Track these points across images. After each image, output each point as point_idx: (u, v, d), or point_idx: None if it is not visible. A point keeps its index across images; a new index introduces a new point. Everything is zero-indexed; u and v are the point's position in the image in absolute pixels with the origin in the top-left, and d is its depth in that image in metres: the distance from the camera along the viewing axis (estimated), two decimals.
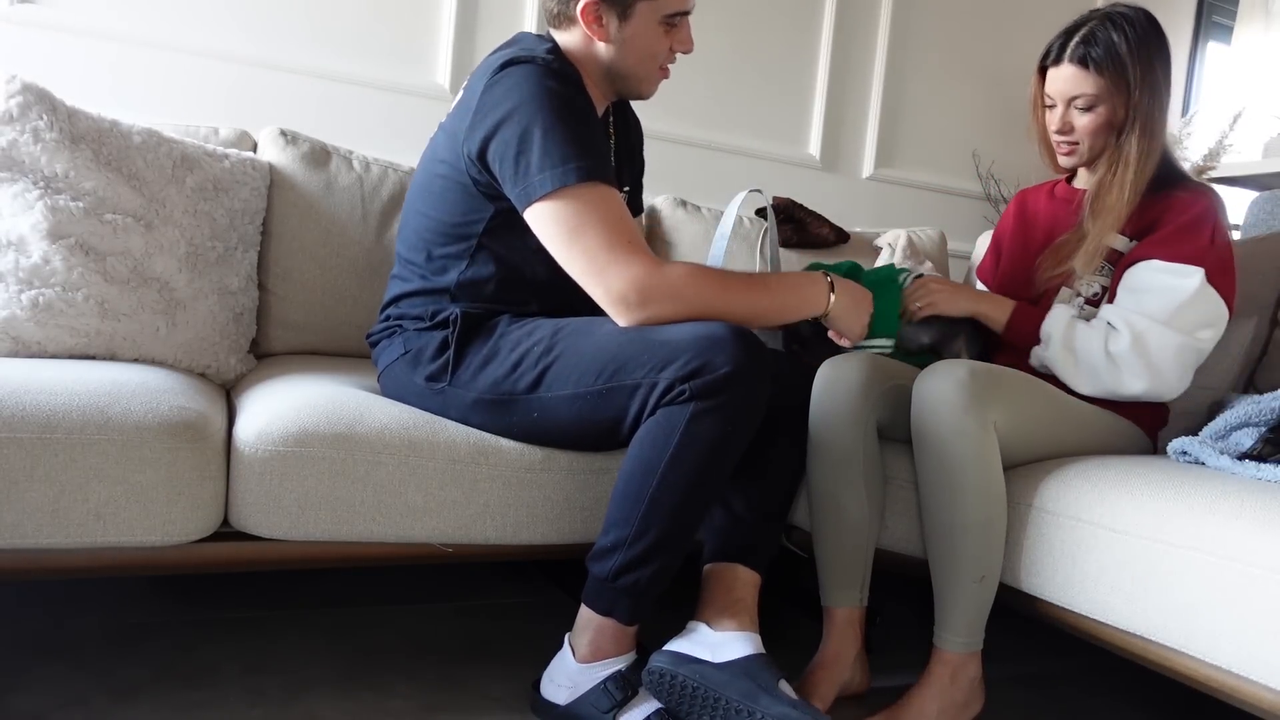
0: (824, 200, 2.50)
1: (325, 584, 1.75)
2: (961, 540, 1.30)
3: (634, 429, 1.20)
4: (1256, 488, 1.16)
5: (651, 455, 1.17)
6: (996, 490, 1.30)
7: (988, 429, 1.30)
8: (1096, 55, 1.49)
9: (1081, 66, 1.50)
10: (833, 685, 1.37)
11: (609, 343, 1.22)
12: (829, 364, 1.42)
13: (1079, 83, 1.50)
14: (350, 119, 2.12)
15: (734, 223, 2.02)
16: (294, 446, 1.20)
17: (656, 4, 1.32)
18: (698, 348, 1.15)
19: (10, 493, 1.07)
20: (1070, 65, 1.50)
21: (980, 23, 2.93)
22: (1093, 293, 1.55)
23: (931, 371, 1.34)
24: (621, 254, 1.20)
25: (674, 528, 1.18)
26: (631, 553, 1.18)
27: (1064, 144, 1.56)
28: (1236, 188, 2.98)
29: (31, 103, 1.42)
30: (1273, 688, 1.04)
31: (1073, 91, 1.51)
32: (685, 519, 1.19)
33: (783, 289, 1.33)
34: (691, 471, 1.16)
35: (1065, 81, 1.51)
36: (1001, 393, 1.34)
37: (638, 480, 1.18)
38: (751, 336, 1.18)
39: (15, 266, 1.35)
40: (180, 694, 1.27)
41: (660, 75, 1.41)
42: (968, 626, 1.31)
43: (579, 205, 1.20)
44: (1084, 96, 1.51)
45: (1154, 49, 1.51)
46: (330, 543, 1.25)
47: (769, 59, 2.65)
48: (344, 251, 1.76)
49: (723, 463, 1.19)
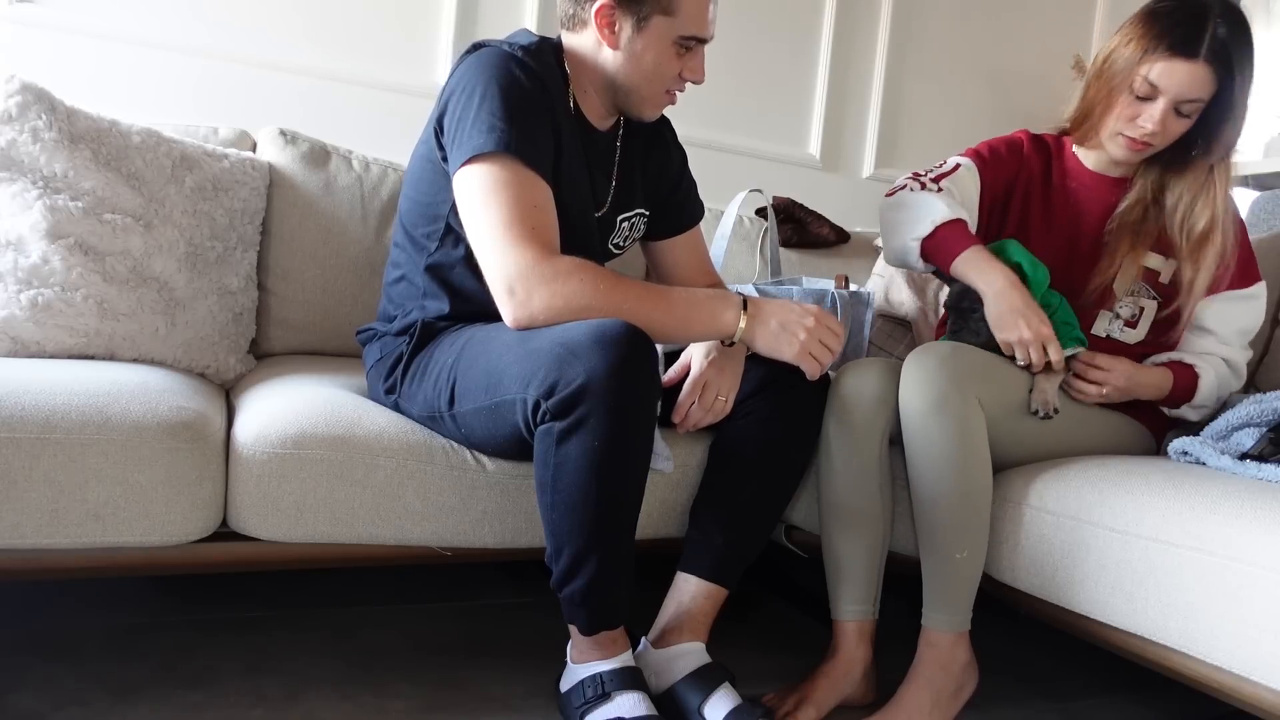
0: (824, 200, 2.50)
1: (325, 584, 1.75)
2: (943, 512, 1.30)
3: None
4: (1257, 488, 1.16)
5: (541, 475, 1.14)
6: (979, 463, 1.30)
7: (970, 402, 1.29)
8: (1234, 59, 1.30)
9: (1217, 68, 1.30)
10: (835, 696, 1.36)
11: (494, 355, 1.19)
12: (847, 374, 1.42)
13: (1204, 85, 1.32)
14: (350, 119, 2.12)
15: (734, 223, 2.02)
16: (292, 448, 1.20)
17: (674, 21, 1.28)
18: (553, 360, 1.09)
19: (9, 493, 1.07)
20: (1204, 64, 1.30)
21: (980, 23, 2.92)
22: (1130, 315, 1.51)
23: (919, 350, 1.35)
24: (516, 237, 1.16)
25: (588, 542, 1.14)
26: (560, 566, 1.16)
27: (1142, 140, 1.38)
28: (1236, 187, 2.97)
29: (30, 102, 1.42)
30: (1273, 688, 1.03)
31: (1193, 94, 1.32)
32: (597, 532, 1.14)
33: (684, 304, 1.23)
34: (577, 489, 1.11)
35: (1190, 80, 1.31)
36: (988, 373, 1.34)
37: (540, 499, 1.16)
38: (619, 335, 1.09)
39: (14, 266, 1.35)
40: (180, 694, 1.27)
41: (665, 100, 1.36)
42: (952, 604, 1.31)
43: (494, 176, 1.18)
44: (1199, 102, 1.33)
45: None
46: (329, 544, 1.25)
47: (769, 59, 2.65)
48: (344, 251, 1.76)
49: (611, 473, 1.11)
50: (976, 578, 1.32)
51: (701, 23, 1.30)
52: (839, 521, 1.39)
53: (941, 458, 1.30)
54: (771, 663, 1.56)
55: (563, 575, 1.17)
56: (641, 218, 1.50)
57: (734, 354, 1.36)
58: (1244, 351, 1.53)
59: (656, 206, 1.53)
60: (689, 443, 1.40)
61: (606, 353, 1.07)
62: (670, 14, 1.27)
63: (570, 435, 1.10)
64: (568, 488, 1.12)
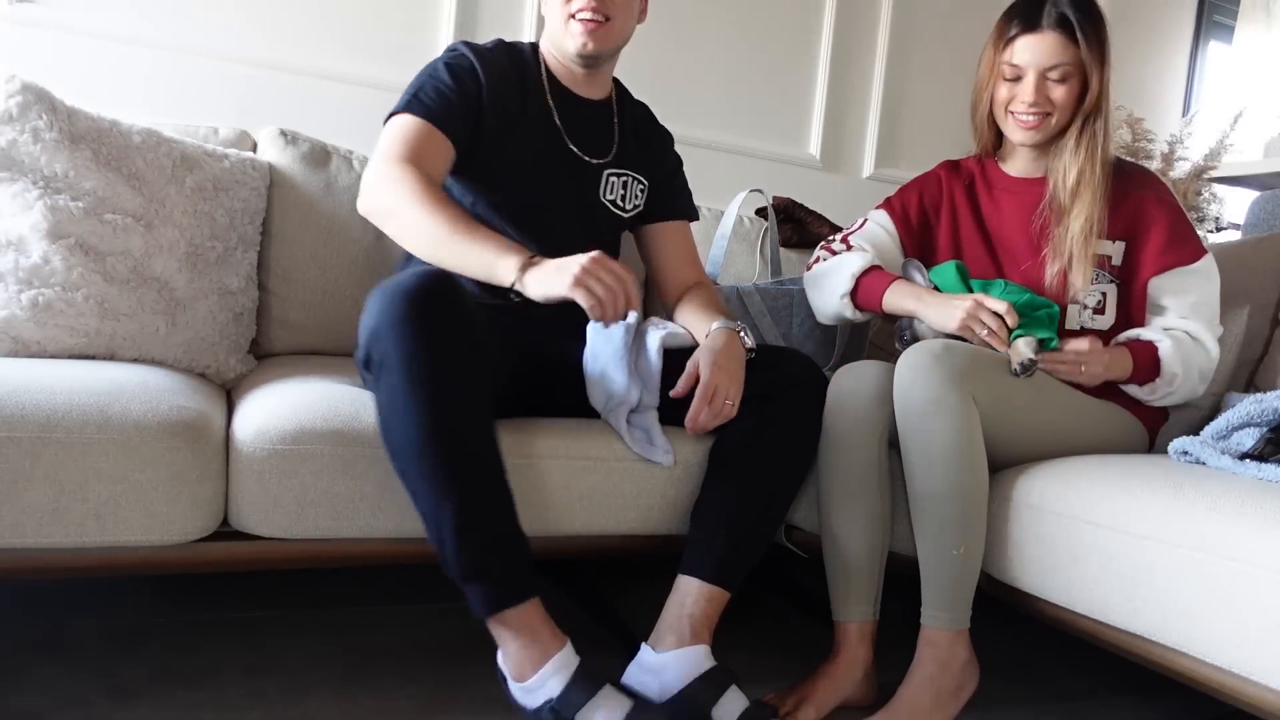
0: (824, 200, 2.50)
1: (325, 584, 1.75)
2: (939, 508, 1.30)
3: None
4: (1257, 488, 1.16)
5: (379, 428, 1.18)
6: (975, 460, 1.30)
7: (965, 399, 1.30)
8: (1078, 20, 1.42)
9: (1064, 32, 1.43)
10: (835, 697, 1.36)
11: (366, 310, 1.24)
12: (844, 375, 1.42)
13: (1059, 50, 1.43)
14: (350, 119, 2.12)
15: (734, 223, 2.02)
16: (291, 444, 1.20)
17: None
18: (367, 310, 1.15)
19: (10, 492, 1.07)
20: (1051, 32, 1.43)
21: (980, 23, 2.90)
22: (1095, 302, 1.55)
23: (912, 349, 1.35)
24: (380, 155, 1.35)
25: (435, 493, 1.13)
26: (430, 538, 1.16)
27: (1032, 115, 1.48)
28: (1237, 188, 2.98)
29: (31, 102, 1.42)
30: (1273, 688, 1.03)
31: (1052, 60, 1.44)
32: (439, 481, 1.12)
33: (474, 244, 1.25)
34: (399, 433, 1.13)
35: (1044, 49, 1.44)
36: (981, 370, 1.34)
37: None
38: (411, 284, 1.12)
39: (15, 266, 1.35)
40: (180, 694, 1.27)
41: (574, 26, 1.43)
42: (951, 601, 1.31)
43: (392, 125, 1.39)
44: (1062, 66, 1.44)
45: (1106, 27, 1.47)
46: (330, 540, 1.25)
47: (769, 59, 2.65)
48: (344, 251, 1.76)
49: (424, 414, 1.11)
50: (975, 574, 1.32)
51: None
52: (839, 522, 1.39)
53: (938, 455, 1.30)
54: (771, 663, 1.56)
55: (438, 548, 1.14)
56: (639, 184, 1.58)
57: (736, 356, 1.37)
58: (1208, 327, 1.50)
59: (655, 187, 1.62)
60: (691, 438, 1.40)
61: (397, 299, 1.12)
62: None
63: (378, 380, 1.14)
64: (392, 434, 1.14)
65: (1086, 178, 1.48)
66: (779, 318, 1.74)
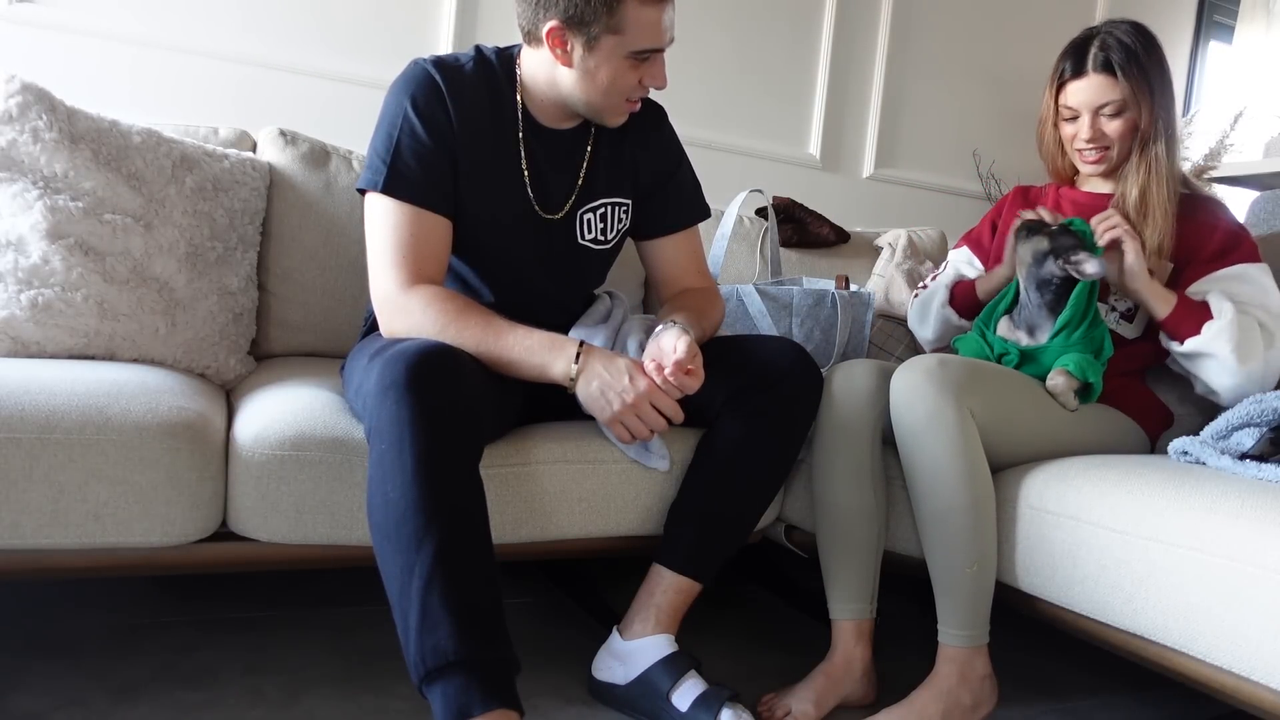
0: (824, 200, 2.50)
1: (325, 584, 1.75)
2: (947, 527, 1.30)
3: None
4: (1257, 488, 1.16)
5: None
6: (979, 475, 1.30)
7: (964, 414, 1.30)
8: (1119, 60, 1.51)
9: (1107, 74, 1.52)
10: (834, 695, 1.36)
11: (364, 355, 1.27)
12: (837, 373, 1.42)
13: (1106, 90, 1.52)
14: (350, 119, 2.12)
15: (734, 223, 2.02)
16: (291, 450, 1.20)
17: (623, 39, 1.25)
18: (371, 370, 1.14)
19: (10, 493, 1.07)
20: (1096, 74, 1.53)
21: (980, 23, 2.93)
22: (1125, 308, 1.58)
23: (905, 365, 1.35)
24: (382, 266, 1.28)
25: (404, 565, 1.09)
26: (398, 625, 1.14)
27: (1093, 150, 1.58)
28: (1237, 187, 2.97)
29: (31, 102, 1.42)
30: (1273, 688, 1.04)
31: (1101, 100, 1.53)
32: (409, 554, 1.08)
33: (519, 348, 1.24)
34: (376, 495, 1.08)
35: (1091, 90, 1.53)
36: (977, 383, 1.34)
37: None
38: (415, 353, 1.10)
39: (14, 266, 1.35)
40: (180, 694, 1.27)
41: (628, 107, 1.36)
42: (967, 619, 1.31)
43: (372, 212, 1.30)
44: (1112, 103, 1.53)
45: (1161, 57, 1.55)
46: (328, 546, 1.25)
47: (769, 59, 2.65)
48: (344, 252, 1.76)
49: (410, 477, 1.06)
50: (990, 589, 1.32)
51: (654, 34, 1.27)
52: (833, 520, 1.39)
53: (941, 473, 1.29)
54: (770, 662, 1.56)
55: (402, 640, 1.07)
56: (620, 208, 1.47)
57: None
58: (1272, 316, 1.48)
59: (644, 199, 1.50)
60: (687, 442, 1.40)
61: (396, 367, 1.09)
62: (619, 32, 1.25)
63: (370, 439, 1.11)
64: (372, 492, 1.08)
65: (1152, 195, 1.53)
66: (778, 318, 1.75)
